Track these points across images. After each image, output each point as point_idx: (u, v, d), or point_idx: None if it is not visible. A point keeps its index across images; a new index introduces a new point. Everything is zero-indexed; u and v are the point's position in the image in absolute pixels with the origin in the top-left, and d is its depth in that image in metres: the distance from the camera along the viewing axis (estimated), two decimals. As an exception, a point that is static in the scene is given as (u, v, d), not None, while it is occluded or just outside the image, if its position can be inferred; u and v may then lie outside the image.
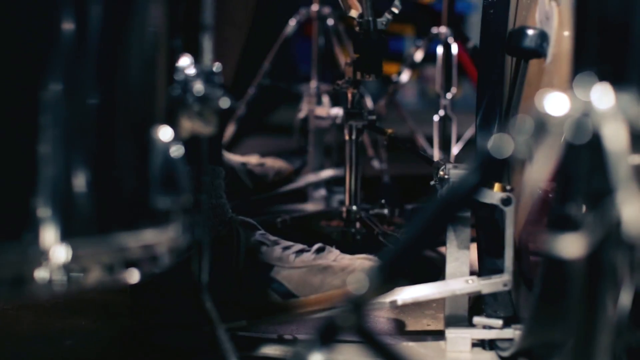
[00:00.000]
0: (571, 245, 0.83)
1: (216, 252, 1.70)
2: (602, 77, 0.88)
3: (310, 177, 2.75)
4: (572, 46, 0.90)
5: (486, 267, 1.74)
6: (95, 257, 1.05)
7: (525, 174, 1.61)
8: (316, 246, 1.76)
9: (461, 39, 2.86)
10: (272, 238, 1.76)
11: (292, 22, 2.97)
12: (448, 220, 0.88)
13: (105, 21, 1.09)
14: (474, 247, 1.79)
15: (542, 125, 0.84)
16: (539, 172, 0.81)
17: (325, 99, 2.91)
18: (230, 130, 2.97)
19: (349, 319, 0.89)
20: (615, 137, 0.82)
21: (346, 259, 1.72)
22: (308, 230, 2.31)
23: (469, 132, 2.91)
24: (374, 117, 2.22)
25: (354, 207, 2.21)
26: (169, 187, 1.11)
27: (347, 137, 2.19)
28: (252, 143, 3.31)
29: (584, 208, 0.86)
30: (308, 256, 1.74)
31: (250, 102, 2.98)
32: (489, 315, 1.67)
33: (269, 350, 1.63)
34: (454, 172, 1.64)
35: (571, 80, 0.86)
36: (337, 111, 2.66)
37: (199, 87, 1.21)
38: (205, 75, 1.23)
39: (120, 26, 1.13)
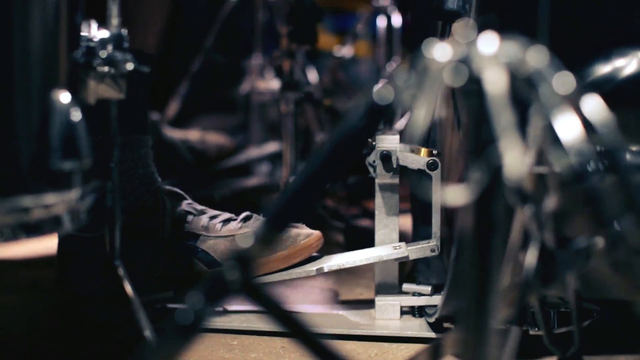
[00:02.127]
0: (456, 194, 0.81)
1: (143, 222, 1.67)
2: (486, 25, 0.87)
3: (252, 152, 2.73)
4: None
5: (419, 235, 1.73)
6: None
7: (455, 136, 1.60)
8: (243, 215, 1.74)
9: (403, 10, 2.84)
10: (200, 207, 1.74)
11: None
12: (334, 167, 0.87)
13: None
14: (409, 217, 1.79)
15: (424, 71, 0.83)
16: (420, 118, 0.79)
17: (269, 74, 2.89)
18: (174, 107, 2.94)
19: (234, 274, 0.87)
20: (495, 82, 0.81)
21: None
22: (247, 204, 2.29)
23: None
24: (310, 89, 2.21)
25: (291, 180, 2.19)
26: (69, 150, 1.09)
27: (282, 109, 2.18)
28: (198, 121, 3.29)
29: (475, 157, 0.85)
30: (234, 225, 1.71)
31: (195, 78, 2.95)
32: (419, 283, 1.66)
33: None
34: (380, 138, 1.62)
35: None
36: (278, 85, 2.64)
37: (104, 50, 1.19)
38: (112, 39, 1.21)
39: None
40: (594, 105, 0.87)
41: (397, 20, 2.81)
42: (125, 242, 1.65)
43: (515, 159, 0.80)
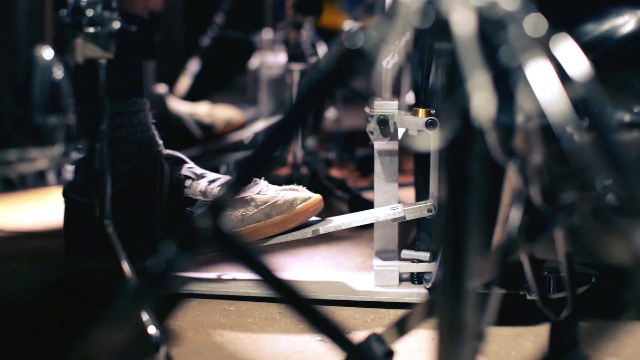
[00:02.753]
0: (426, 139, 0.80)
1: (141, 187, 1.67)
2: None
3: (261, 126, 2.73)
4: None
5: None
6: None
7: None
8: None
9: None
10: (199, 171, 1.71)
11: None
12: (306, 111, 0.86)
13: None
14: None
15: (393, 13, 0.82)
16: (389, 59, 0.79)
17: (279, 49, 2.88)
18: (185, 82, 2.94)
19: (206, 222, 0.87)
20: (463, 24, 0.80)
21: (271, 191, 1.67)
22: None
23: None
24: (317, 58, 2.20)
25: (299, 152, 2.19)
26: (52, 106, 1.09)
27: (288, 80, 2.17)
28: (209, 97, 3.29)
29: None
30: None
31: (206, 54, 2.95)
32: (418, 250, 1.65)
33: (194, 287, 1.62)
34: (378, 104, 1.61)
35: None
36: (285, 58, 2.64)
37: (91, 10, 1.19)
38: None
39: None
40: (568, 50, 0.86)
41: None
42: (124, 208, 1.65)
43: (485, 102, 0.79)
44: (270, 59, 2.72)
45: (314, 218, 1.66)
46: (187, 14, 2.93)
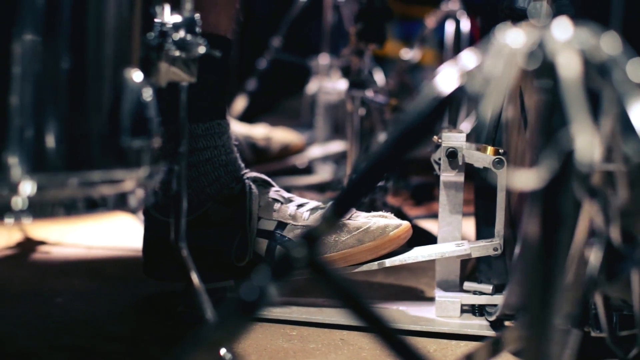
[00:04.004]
0: (526, 179, 0.81)
1: (230, 210, 1.68)
2: (559, 11, 0.87)
3: (316, 151, 2.74)
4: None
5: (482, 235, 1.72)
6: (61, 192, 1.04)
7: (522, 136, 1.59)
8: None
9: (472, 14, 2.83)
10: (287, 195, 1.72)
11: (303, -3, 2.96)
12: (400, 153, 0.87)
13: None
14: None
15: (496, 55, 0.83)
16: (493, 104, 0.79)
17: (336, 74, 2.90)
18: (241, 103, 2.96)
19: (301, 252, 0.88)
20: (569, 66, 0.81)
21: (361, 217, 1.68)
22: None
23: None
24: (377, 87, 2.21)
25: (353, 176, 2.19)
26: (139, 129, 1.11)
27: (348, 107, 2.18)
28: (264, 119, 3.31)
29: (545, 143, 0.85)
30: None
31: (262, 76, 2.97)
32: (480, 282, 1.65)
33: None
34: (446, 135, 1.62)
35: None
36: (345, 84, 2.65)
37: (177, 34, 1.21)
38: (184, 23, 1.22)
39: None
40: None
41: (465, 25, 2.80)
42: (212, 230, 1.66)
43: (588, 145, 0.80)
44: (329, 85, 2.73)
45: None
46: (243, 36, 2.96)
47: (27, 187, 1.02)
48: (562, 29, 0.83)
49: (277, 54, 2.97)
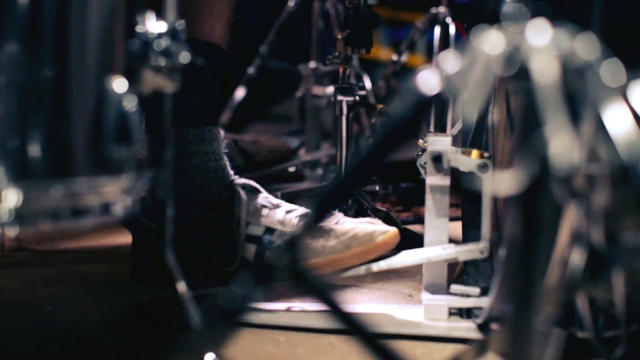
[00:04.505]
0: (505, 182, 0.82)
1: (218, 215, 1.68)
2: (537, 13, 0.87)
3: (305, 156, 2.74)
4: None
5: (469, 239, 1.73)
6: (46, 201, 1.05)
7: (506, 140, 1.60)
8: None
9: (459, 19, 2.84)
10: (275, 201, 1.73)
11: (291, 3, 2.96)
12: (381, 156, 0.88)
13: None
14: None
15: (473, 60, 0.84)
16: (469, 108, 0.80)
17: (324, 80, 2.91)
18: (228, 112, 2.97)
19: (282, 258, 0.88)
20: (545, 71, 0.81)
21: (349, 223, 1.69)
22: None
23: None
24: (364, 92, 2.22)
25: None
26: (122, 137, 1.11)
27: (337, 113, 2.19)
28: (253, 128, 3.32)
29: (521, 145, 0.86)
30: None
31: (251, 84, 2.97)
32: (467, 285, 1.66)
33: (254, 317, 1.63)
34: (431, 139, 1.63)
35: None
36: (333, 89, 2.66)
37: (160, 41, 1.21)
38: (168, 32, 1.22)
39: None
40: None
41: (453, 29, 2.81)
42: (200, 236, 1.67)
43: (564, 149, 0.81)
44: (317, 90, 2.74)
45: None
46: (231, 44, 2.96)
47: (12, 197, 1.03)
48: (539, 32, 0.84)
49: (265, 61, 2.97)
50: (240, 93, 2.98)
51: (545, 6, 1.10)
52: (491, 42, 0.84)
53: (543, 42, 0.83)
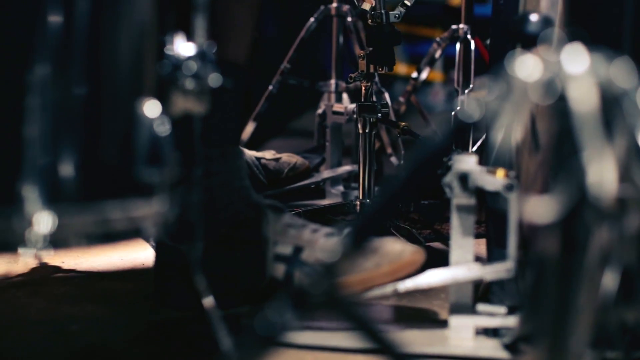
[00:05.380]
0: (542, 209, 0.82)
1: (245, 235, 1.68)
2: (574, 38, 0.87)
3: (326, 173, 2.74)
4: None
5: (494, 257, 1.73)
6: (78, 226, 1.05)
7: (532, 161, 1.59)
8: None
9: (480, 36, 2.84)
10: (300, 221, 1.74)
11: (311, 20, 2.96)
12: (418, 181, 0.88)
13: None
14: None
15: (511, 87, 0.84)
16: (507, 134, 0.80)
17: (345, 96, 2.91)
18: (250, 128, 2.97)
19: (320, 285, 0.88)
20: (582, 97, 0.81)
21: (376, 241, 1.70)
22: (321, 223, 2.30)
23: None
24: (387, 110, 2.23)
25: (368, 201, 2.20)
26: (154, 160, 1.12)
27: (360, 131, 2.19)
28: (273, 144, 3.32)
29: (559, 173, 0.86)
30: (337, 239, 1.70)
31: (271, 100, 2.98)
32: (493, 304, 1.66)
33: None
34: (457, 158, 1.63)
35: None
36: (354, 106, 2.66)
37: (190, 64, 1.22)
38: (197, 54, 1.23)
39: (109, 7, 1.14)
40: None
41: (473, 46, 2.81)
42: (227, 255, 1.67)
43: (603, 177, 0.81)
44: (338, 107, 2.74)
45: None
46: (252, 61, 2.97)
47: (45, 221, 1.03)
48: (576, 59, 0.84)
49: (285, 78, 2.98)
50: (260, 109, 2.98)
51: (581, 31, 1.11)
52: (528, 68, 0.84)
53: (581, 69, 0.83)
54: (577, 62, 0.84)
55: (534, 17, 1.57)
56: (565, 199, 0.83)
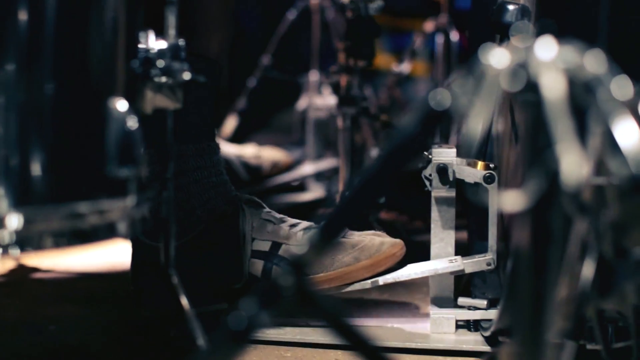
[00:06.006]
0: (514, 200, 0.81)
1: (223, 232, 1.67)
2: (544, 30, 0.86)
3: (307, 168, 2.73)
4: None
5: (475, 249, 1.72)
6: (48, 224, 1.04)
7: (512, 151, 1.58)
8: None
9: (461, 27, 2.83)
10: (278, 216, 1.72)
11: (291, 14, 2.95)
12: (390, 173, 0.86)
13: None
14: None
15: (481, 76, 0.83)
16: (475, 124, 0.79)
17: (326, 90, 2.90)
18: (231, 123, 2.96)
19: (288, 280, 0.87)
20: (553, 86, 0.80)
21: (355, 236, 1.68)
22: (302, 219, 2.29)
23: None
24: (366, 104, 2.21)
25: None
26: (125, 157, 1.10)
27: (340, 124, 2.18)
28: (256, 138, 3.30)
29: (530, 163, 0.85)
30: None
31: (252, 95, 2.96)
32: (475, 297, 1.65)
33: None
34: (436, 151, 1.61)
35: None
36: (335, 100, 2.64)
37: (162, 59, 1.20)
38: (169, 49, 1.21)
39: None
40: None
41: (455, 38, 2.80)
42: (204, 253, 1.66)
43: (574, 165, 0.80)
44: (318, 101, 2.73)
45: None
46: (232, 56, 2.96)
47: (14, 221, 1.02)
48: (546, 48, 0.83)
49: (266, 72, 2.96)
50: (241, 104, 2.97)
51: (552, 23, 1.09)
52: (498, 57, 0.83)
53: (550, 57, 0.82)
54: (547, 51, 0.83)
55: (511, 7, 1.57)
56: (536, 188, 0.82)
